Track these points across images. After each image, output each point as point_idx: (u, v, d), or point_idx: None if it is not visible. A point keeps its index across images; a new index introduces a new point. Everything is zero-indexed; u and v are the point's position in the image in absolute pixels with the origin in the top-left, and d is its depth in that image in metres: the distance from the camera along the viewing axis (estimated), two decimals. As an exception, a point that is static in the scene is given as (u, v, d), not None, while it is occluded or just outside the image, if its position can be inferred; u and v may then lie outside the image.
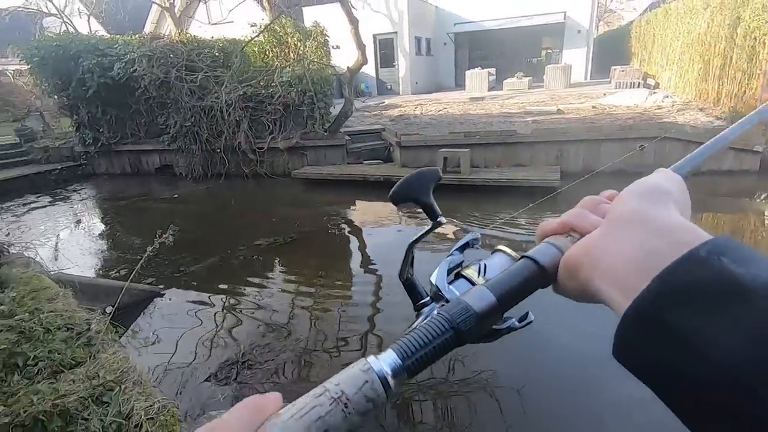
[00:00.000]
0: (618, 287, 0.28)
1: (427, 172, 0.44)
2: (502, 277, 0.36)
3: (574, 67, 15.78)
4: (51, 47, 9.03)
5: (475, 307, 0.33)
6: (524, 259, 0.36)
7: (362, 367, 0.29)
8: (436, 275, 0.38)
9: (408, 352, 0.30)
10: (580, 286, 0.33)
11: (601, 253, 0.31)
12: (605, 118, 8.00)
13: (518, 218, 5.70)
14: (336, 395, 0.27)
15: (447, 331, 0.32)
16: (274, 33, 8.58)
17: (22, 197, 8.71)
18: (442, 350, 0.32)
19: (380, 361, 0.29)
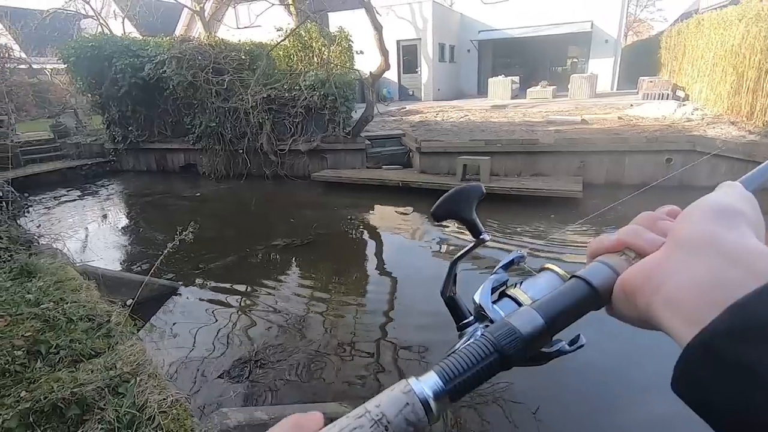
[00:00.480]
0: (682, 316, 0.26)
1: (471, 188, 0.43)
2: (551, 298, 0.34)
3: (601, 76, 15.51)
4: (87, 47, 9.39)
5: (522, 330, 0.32)
6: (575, 279, 0.35)
7: (403, 389, 0.28)
8: (479, 294, 0.37)
9: (451, 375, 0.30)
10: (638, 312, 0.30)
11: (664, 277, 0.29)
12: (631, 130, 7.82)
13: (548, 231, 5.62)
14: (376, 417, 0.27)
15: (491, 354, 0.31)
16: (299, 37, 8.73)
17: (53, 190, 9.05)
18: (486, 374, 0.31)
19: (422, 384, 0.29)
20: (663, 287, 0.28)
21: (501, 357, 0.31)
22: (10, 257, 3.64)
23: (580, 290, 0.34)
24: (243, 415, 2.00)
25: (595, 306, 0.34)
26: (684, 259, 0.28)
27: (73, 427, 1.66)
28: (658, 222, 0.35)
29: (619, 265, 0.34)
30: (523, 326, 0.32)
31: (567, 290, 0.34)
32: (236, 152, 9.19)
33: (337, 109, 8.54)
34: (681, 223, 0.31)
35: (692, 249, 0.28)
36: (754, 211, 0.32)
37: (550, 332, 0.32)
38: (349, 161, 8.76)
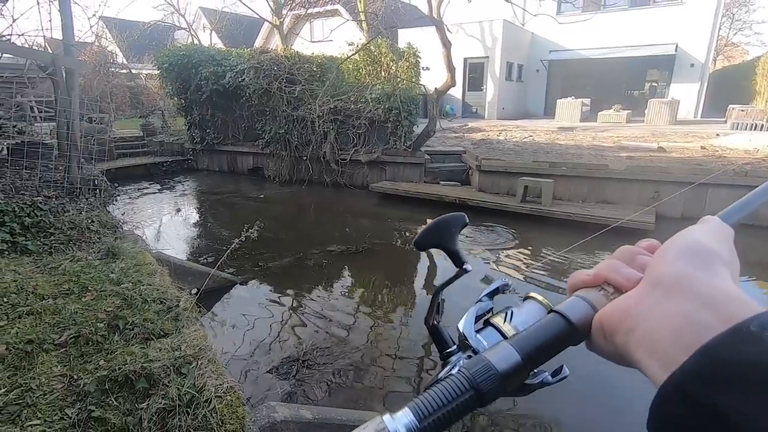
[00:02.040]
0: (656, 358, 0.26)
1: (452, 217, 0.43)
2: (528, 334, 0.34)
3: (683, 102, 14.44)
4: (178, 56, 10.34)
5: (498, 367, 0.31)
6: (553, 314, 0.34)
7: (377, 427, 0.29)
8: (463, 322, 0.37)
9: (425, 412, 0.29)
10: (615, 350, 0.31)
11: (639, 317, 0.29)
12: (716, 161, 7.19)
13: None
14: None
15: (467, 391, 0.30)
16: (368, 52, 9.01)
17: (138, 183, 9.97)
18: (461, 411, 0.30)
19: (396, 422, 0.29)
20: (638, 328, 0.29)
21: (477, 394, 0.30)
22: (98, 239, 4.06)
23: (558, 326, 0.33)
24: (290, 412, 2.07)
25: (573, 341, 0.33)
26: (658, 300, 0.29)
27: (140, 398, 1.81)
28: (636, 257, 0.35)
29: (598, 301, 0.33)
30: (499, 363, 0.31)
31: (545, 325, 0.34)
32: (300, 159, 9.61)
33: (399, 123, 8.68)
34: (657, 261, 0.31)
35: (666, 290, 0.29)
36: (730, 251, 0.32)
37: (527, 368, 0.32)
38: (407, 174, 8.84)
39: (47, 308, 2.45)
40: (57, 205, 4.51)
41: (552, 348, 0.33)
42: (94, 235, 4.17)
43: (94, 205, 5.10)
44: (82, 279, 2.87)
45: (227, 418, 1.79)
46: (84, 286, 2.77)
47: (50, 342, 2.16)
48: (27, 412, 1.71)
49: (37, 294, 2.63)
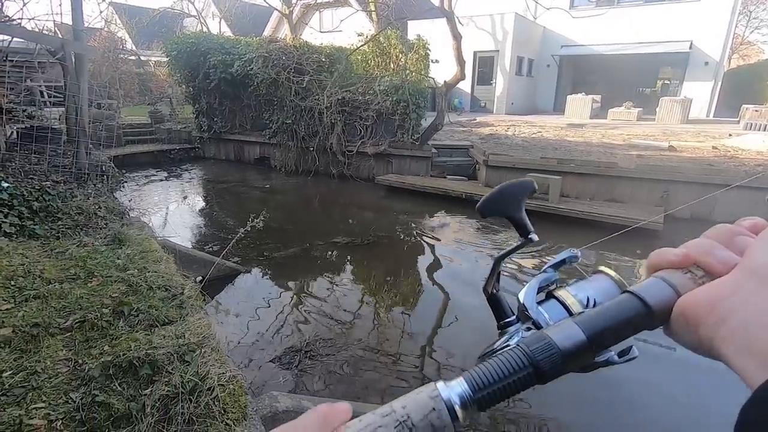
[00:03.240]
0: (753, 355, 0.23)
1: (519, 183, 0.40)
2: (597, 313, 0.31)
3: (696, 101, 14.20)
4: (187, 43, 10.32)
5: (561, 345, 0.29)
6: (628, 295, 0.31)
7: (430, 393, 0.28)
8: (524, 293, 0.35)
9: (480, 384, 0.29)
10: (698, 342, 0.27)
11: (732, 309, 0.26)
12: (728, 162, 7.09)
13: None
14: (402, 418, 0.26)
15: (525, 367, 0.29)
16: (378, 43, 8.93)
17: (145, 170, 10.01)
18: (518, 387, 0.29)
19: (449, 390, 0.28)
20: (730, 320, 0.25)
21: (536, 371, 0.29)
22: (105, 225, 4.08)
23: (632, 307, 0.31)
24: (291, 402, 2.08)
25: (649, 326, 0.31)
26: (757, 289, 0.25)
27: (144, 384, 1.82)
28: (736, 237, 0.31)
29: (683, 285, 0.30)
30: (562, 341, 0.29)
31: (617, 306, 0.31)
32: (307, 149, 9.59)
33: (407, 116, 8.62)
34: (760, 245, 0.27)
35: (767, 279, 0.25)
36: None
37: (592, 350, 0.30)
38: (413, 168, 8.80)
39: (53, 292, 2.47)
40: (65, 190, 4.53)
41: (623, 331, 0.30)
42: (101, 221, 4.19)
43: (102, 191, 5.12)
44: (89, 264, 2.89)
45: (229, 406, 1.79)
46: (90, 272, 2.78)
47: (56, 326, 2.17)
48: (32, 395, 1.72)
49: (43, 278, 2.65)
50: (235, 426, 1.69)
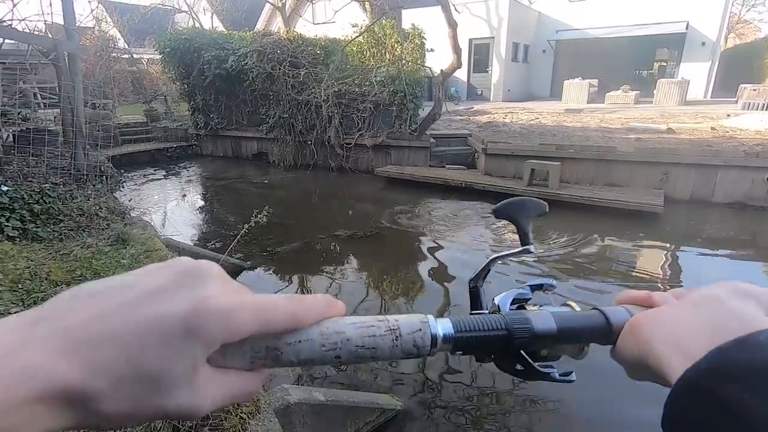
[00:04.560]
0: (679, 350, 0.29)
1: (536, 203, 0.46)
2: (568, 314, 0.37)
3: (693, 82, 14.15)
4: (180, 40, 10.22)
5: (535, 325, 0.35)
6: (595, 310, 0.37)
7: (421, 319, 0.32)
8: (500, 298, 0.40)
9: (462, 327, 0.34)
10: (638, 346, 0.32)
11: (669, 319, 0.32)
12: (726, 142, 7.09)
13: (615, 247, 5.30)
14: (392, 327, 0.31)
15: (501, 329, 0.35)
16: (373, 34, 8.86)
17: (143, 169, 9.98)
18: (489, 343, 0.35)
19: (437, 323, 0.33)
20: (666, 326, 0.31)
21: (508, 336, 0.34)
22: (107, 226, 4.09)
23: (596, 319, 0.36)
24: (302, 393, 2.10)
25: (603, 339, 0.36)
26: (690, 309, 0.32)
27: (157, 382, 1.84)
28: None
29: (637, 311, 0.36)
30: (536, 323, 0.35)
31: (584, 315, 0.37)
32: (305, 143, 9.56)
33: (405, 106, 8.58)
34: (697, 290, 0.34)
35: (700, 304, 0.32)
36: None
37: (557, 340, 0.35)
38: (412, 158, 8.78)
39: (61, 294, 2.48)
40: (65, 192, 4.52)
41: (584, 334, 0.36)
42: (103, 222, 4.20)
43: (102, 191, 5.11)
44: (95, 265, 2.90)
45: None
46: (96, 273, 2.79)
47: (66, 327, 2.19)
48: None
49: (50, 280, 2.66)
50: (249, 420, 1.72)
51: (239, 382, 0.28)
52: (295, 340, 0.29)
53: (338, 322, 0.30)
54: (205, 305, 0.24)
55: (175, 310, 0.24)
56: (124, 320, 0.23)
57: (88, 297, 0.24)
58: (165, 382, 0.23)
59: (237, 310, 0.25)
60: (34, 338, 0.22)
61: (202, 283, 0.26)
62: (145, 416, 0.24)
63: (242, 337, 0.26)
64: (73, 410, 0.22)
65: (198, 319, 0.24)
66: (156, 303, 0.24)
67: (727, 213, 6.12)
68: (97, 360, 0.22)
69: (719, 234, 5.60)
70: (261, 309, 0.27)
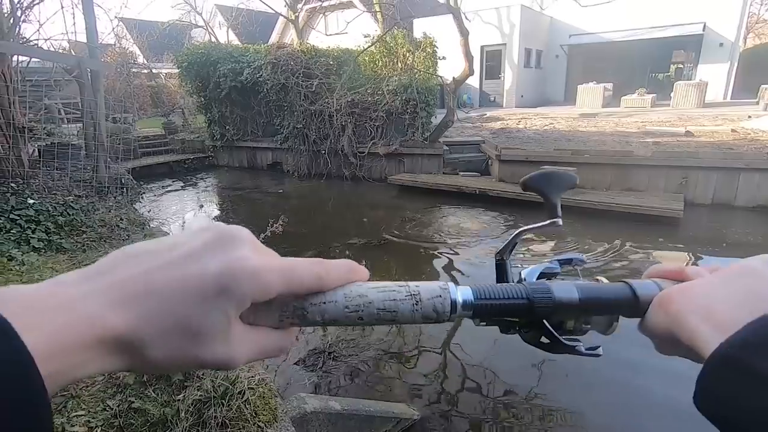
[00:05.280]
0: (713, 324, 0.27)
1: (566, 174, 0.45)
2: (593, 285, 0.36)
3: (711, 84, 13.86)
4: (197, 54, 10.48)
5: (556, 295, 0.34)
6: (622, 283, 0.36)
7: (442, 285, 0.33)
8: (527, 271, 0.39)
9: (482, 295, 0.34)
10: (668, 320, 0.31)
11: (702, 292, 0.30)
12: (748, 144, 6.91)
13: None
14: (413, 292, 0.32)
15: (521, 298, 0.34)
16: (385, 44, 8.95)
17: (161, 180, 10.20)
18: (509, 311, 0.34)
19: (458, 290, 0.33)
20: (700, 299, 0.30)
21: (529, 305, 0.34)
22: (128, 236, 4.19)
23: (622, 291, 0.35)
24: (319, 403, 2.11)
25: (630, 312, 0.35)
26: (726, 281, 0.30)
27: (177, 390, 1.87)
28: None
29: (667, 285, 0.35)
30: (558, 292, 0.34)
31: (610, 287, 0.36)
32: (319, 153, 9.66)
33: (417, 114, 8.62)
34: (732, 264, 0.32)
35: (734, 276, 0.30)
36: None
37: (579, 310, 0.35)
38: (425, 166, 8.79)
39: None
40: (87, 204, 4.66)
41: (609, 306, 0.35)
42: (124, 233, 4.30)
43: (122, 203, 5.25)
44: (116, 275, 2.96)
45: (260, 409, 1.83)
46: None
47: (89, 336, 2.24)
48: (72, 403, 1.78)
49: (74, 290, 2.73)
50: (266, 428, 1.73)
51: (269, 339, 0.30)
52: (320, 301, 0.30)
53: (361, 286, 0.32)
54: (237, 265, 0.26)
55: (211, 269, 0.26)
56: (167, 277, 0.26)
57: (136, 256, 0.27)
58: (202, 335, 0.26)
59: (265, 270, 0.27)
60: (93, 290, 0.24)
61: (235, 246, 0.28)
62: (185, 365, 0.26)
63: (271, 297, 0.28)
64: (124, 355, 0.24)
65: (230, 278, 0.26)
66: (194, 263, 0.26)
67: (750, 217, 5.95)
68: (144, 312, 0.24)
69: (743, 239, 5.44)
70: (287, 270, 0.29)
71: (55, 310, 0.22)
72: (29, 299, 0.22)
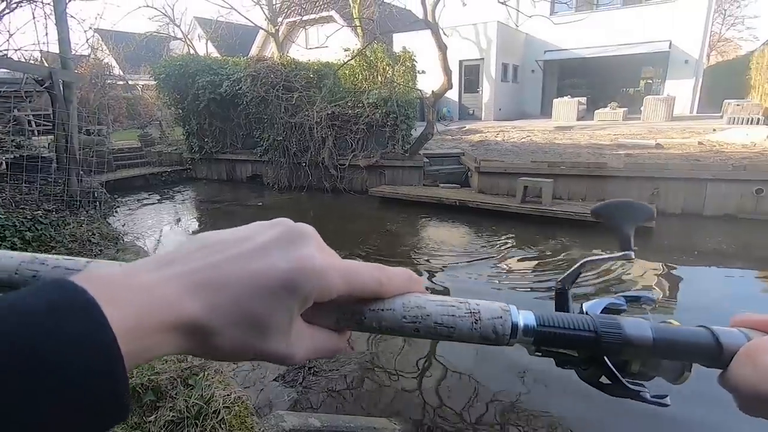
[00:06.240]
0: None
1: (643, 207, 0.42)
2: (668, 327, 0.33)
3: (679, 99, 14.49)
4: (175, 66, 10.37)
5: (627, 331, 0.31)
6: (703, 328, 0.33)
7: (503, 307, 0.31)
8: (590, 304, 0.36)
9: (545, 322, 0.32)
10: (757, 375, 0.28)
11: None
12: (714, 156, 7.22)
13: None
14: (473, 309, 0.31)
15: (588, 330, 0.32)
16: (365, 58, 9.05)
17: (137, 194, 9.96)
18: (572, 343, 0.32)
19: (520, 313, 0.32)
20: None
21: (595, 338, 0.31)
22: (100, 251, 4.06)
23: (703, 337, 0.32)
24: (298, 420, 2.06)
25: (709, 361, 0.32)
26: None
27: (148, 411, 1.79)
28: None
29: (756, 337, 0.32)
30: (629, 328, 0.32)
31: (689, 331, 0.32)
32: (299, 165, 9.62)
33: (397, 127, 8.70)
34: None
35: None
36: None
37: (652, 352, 0.31)
38: (406, 178, 8.85)
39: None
40: (57, 219, 4.50)
41: (686, 352, 0.32)
42: (96, 248, 4.17)
43: (95, 217, 5.09)
44: (85, 292, 2.85)
45: (236, 428, 1.77)
46: (87, 299, 2.75)
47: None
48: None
49: (40, 308, 2.61)
50: (242, 448, 1.67)
51: (326, 339, 0.30)
52: (378, 308, 0.30)
53: (420, 297, 0.31)
54: (304, 264, 0.27)
55: (279, 266, 0.26)
56: (237, 270, 0.26)
57: (209, 246, 0.28)
58: (267, 329, 0.26)
59: (330, 271, 0.27)
60: (168, 277, 0.25)
61: (302, 243, 0.28)
62: (248, 355, 0.27)
63: (332, 298, 0.28)
64: (193, 340, 0.25)
65: (298, 276, 0.26)
66: (263, 258, 0.27)
67: (718, 226, 6.18)
68: (215, 301, 0.25)
69: (714, 247, 5.64)
70: (350, 272, 0.29)
71: (135, 292, 0.23)
72: (110, 278, 0.23)
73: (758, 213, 6.09)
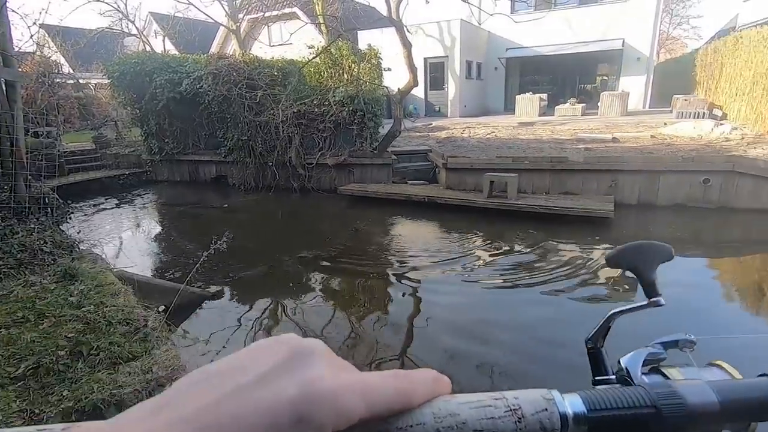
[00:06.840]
0: None
1: (659, 246, 0.39)
2: (731, 384, 0.30)
3: (632, 94, 15.22)
4: (130, 64, 9.90)
5: (688, 399, 0.28)
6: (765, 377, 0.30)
7: (545, 395, 0.27)
8: (628, 358, 0.34)
9: (596, 405, 0.28)
10: None
11: None
12: (665, 149, 7.62)
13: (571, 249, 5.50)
14: (513, 406, 0.27)
15: (646, 406, 0.28)
16: (329, 55, 8.95)
17: (93, 198, 9.47)
18: (631, 424, 0.28)
19: (565, 399, 0.28)
20: None
21: (656, 414, 0.27)
22: (53, 261, 3.83)
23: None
24: None
25: None
26: None
27: None
28: None
29: None
30: (690, 395, 0.28)
31: (755, 384, 0.29)
32: (265, 165, 9.43)
33: (365, 125, 8.67)
34: None
35: None
36: None
37: (722, 418, 0.28)
38: (375, 176, 8.85)
39: (0, 339, 2.28)
40: (4, 227, 4.21)
41: (753, 411, 0.29)
42: (48, 257, 3.93)
43: (46, 224, 4.79)
44: (38, 305, 2.69)
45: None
46: (40, 313, 2.59)
47: (6, 376, 2.01)
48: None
49: (-13, 325, 2.44)
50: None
51: None
52: (406, 424, 0.25)
53: (450, 402, 0.27)
54: (314, 389, 0.24)
55: (286, 395, 0.23)
56: (236, 407, 0.23)
57: (202, 382, 0.25)
58: None
59: (345, 392, 0.24)
60: (158, 428, 0.22)
61: (310, 364, 0.25)
62: None
63: (351, 423, 0.24)
64: None
65: (307, 405, 0.23)
66: (266, 387, 0.24)
67: (671, 214, 6.54)
68: None
69: (669, 234, 5.96)
70: (369, 388, 0.25)
71: None
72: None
73: (705, 201, 6.49)
